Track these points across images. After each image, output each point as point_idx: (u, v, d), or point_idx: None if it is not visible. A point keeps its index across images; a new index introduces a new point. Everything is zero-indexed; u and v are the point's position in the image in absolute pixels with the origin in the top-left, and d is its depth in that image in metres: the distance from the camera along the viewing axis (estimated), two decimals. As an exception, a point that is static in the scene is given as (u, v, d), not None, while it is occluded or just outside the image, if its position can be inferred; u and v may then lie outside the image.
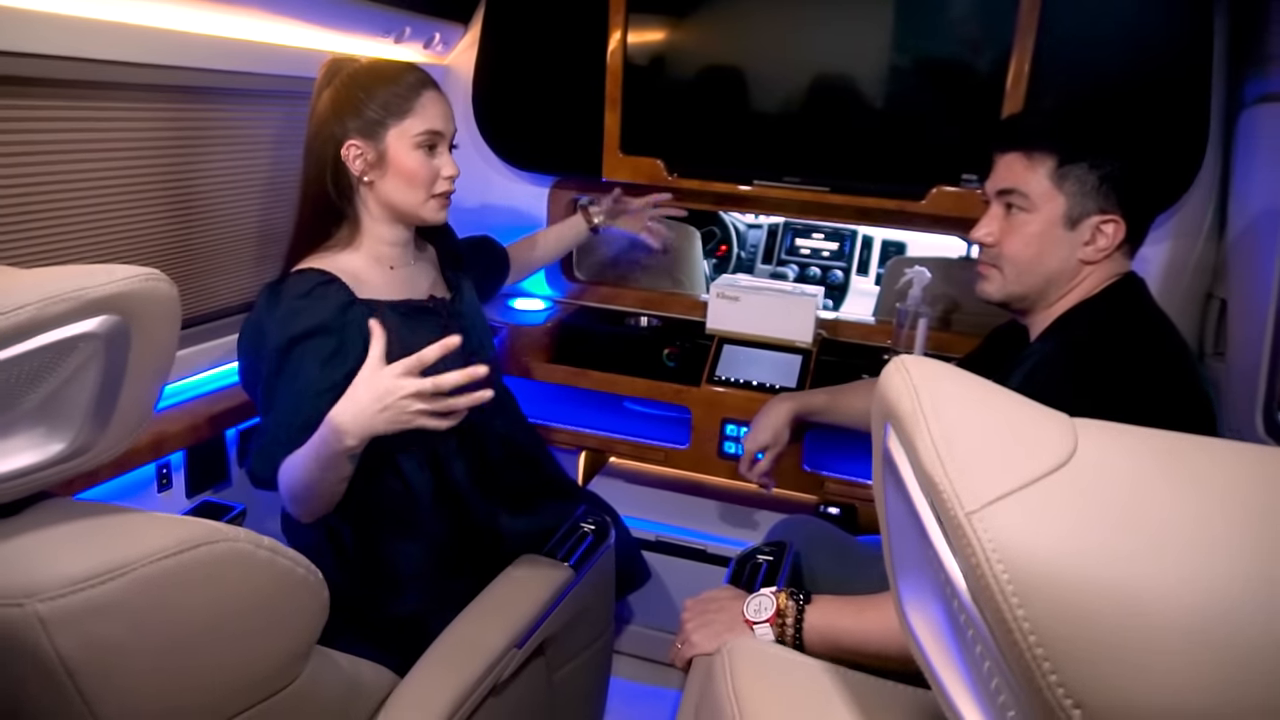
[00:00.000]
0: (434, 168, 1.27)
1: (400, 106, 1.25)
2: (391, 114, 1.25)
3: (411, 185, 1.26)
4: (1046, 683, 0.37)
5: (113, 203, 1.27)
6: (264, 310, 1.21)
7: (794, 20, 1.70)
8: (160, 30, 1.23)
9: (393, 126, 1.25)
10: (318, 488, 1.11)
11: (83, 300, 0.62)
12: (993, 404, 0.48)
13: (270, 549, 0.73)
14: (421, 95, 1.26)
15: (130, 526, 0.66)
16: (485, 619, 1.12)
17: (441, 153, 1.29)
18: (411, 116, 1.25)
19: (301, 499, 1.13)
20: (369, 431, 1.04)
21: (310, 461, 1.09)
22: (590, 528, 1.38)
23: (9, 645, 0.59)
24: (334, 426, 1.04)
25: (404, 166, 1.25)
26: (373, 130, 1.25)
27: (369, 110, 1.25)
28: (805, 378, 1.79)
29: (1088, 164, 1.09)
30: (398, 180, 1.26)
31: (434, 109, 1.26)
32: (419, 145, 1.25)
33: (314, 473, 1.09)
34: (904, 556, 0.52)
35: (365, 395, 1.04)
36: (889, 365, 0.53)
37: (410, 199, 1.27)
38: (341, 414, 1.04)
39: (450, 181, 1.29)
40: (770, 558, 1.33)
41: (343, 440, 1.04)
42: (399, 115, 1.24)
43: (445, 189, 1.29)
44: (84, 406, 0.66)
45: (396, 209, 1.28)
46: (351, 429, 1.03)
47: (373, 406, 1.03)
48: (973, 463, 0.43)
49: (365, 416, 1.03)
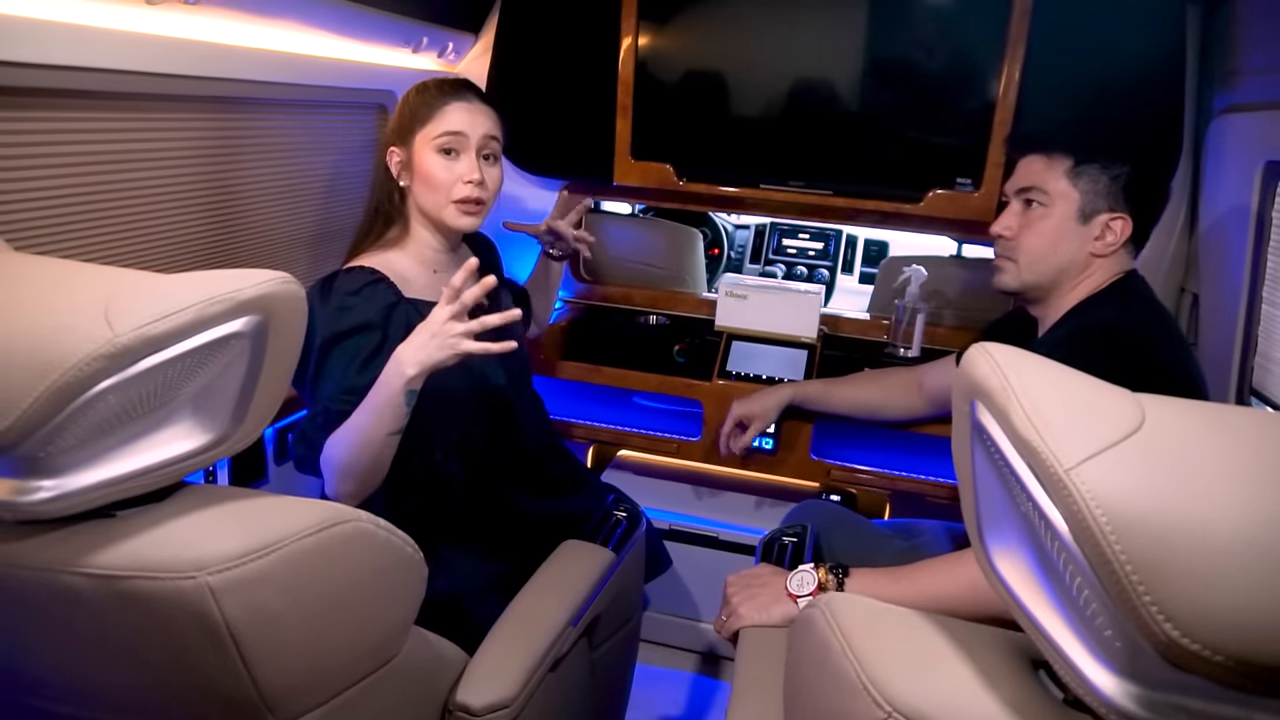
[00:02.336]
0: (453, 171, 1.31)
1: (426, 113, 1.32)
2: (419, 120, 1.32)
3: (430, 188, 1.32)
4: (1142, 603, 0.46)
5: (159, 208, 1.31)
6: (315, 304, 1.26)
7: (797, 32, 1.79)
8: (197, 43, 1.28)
9: (418, 131, 1.32)
10: (368, 448, 1.15)
11: (236, 301, 0.68)
12: (1067, 380, 0.57)
13: (387, 529, 0.79)
14: (448, 102, 1.32)
15: (273, 508, 0.72)
16: (542, 599, 1.19)
17: (464, 157, 1.31)
18: (433, 121, 1.31)
19: (348, 469, 1.17)
20: (424, 361, 1.11)
21: (363, 416, 1.15)
22: (623, 514, 1.46)
23: (182, 613, 0.65)
24: (394, 361, 1.12)
25: (423, 169, 1.32)
26: (405, 135, 1.33)
27: (405, 118, 1.34)
28: (811, 371, 1.89)
29: (1099, 166, 1.21)
30: (421, 184, 1.33)
31: (456, 114, 1.31)
32: (438, 149, 1.31)
33: (366, 427, 1.14)
34: (991, 515, 0.61)
35: (418, 332, 1.13)
36: (972, 350, 0.62)
37: (431, 202, 1.33)
38: (401, 350, 1.13)
39: (472, 187, 1.30)
40: (794, 539, 1.42)
41: (402, 371, 1.11)
42: (424, 121, 1.32)
43: (465, 194, 1.30)
44: (230, 399, 0.72)
45: (425, 212, 1.35)
46: (407, 358, 1.11)
47: (423, 336, 1.12)
48: (1063, 429, 0.53)
49: (417, 345, 1.12)
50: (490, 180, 1.35)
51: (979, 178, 1.75)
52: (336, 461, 1.18)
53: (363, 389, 1.19)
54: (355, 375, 1.21)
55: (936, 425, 1.75)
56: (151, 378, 0.66)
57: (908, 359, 1.90)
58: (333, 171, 1.70)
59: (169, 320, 0.65)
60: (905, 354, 1.91)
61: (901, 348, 1.92)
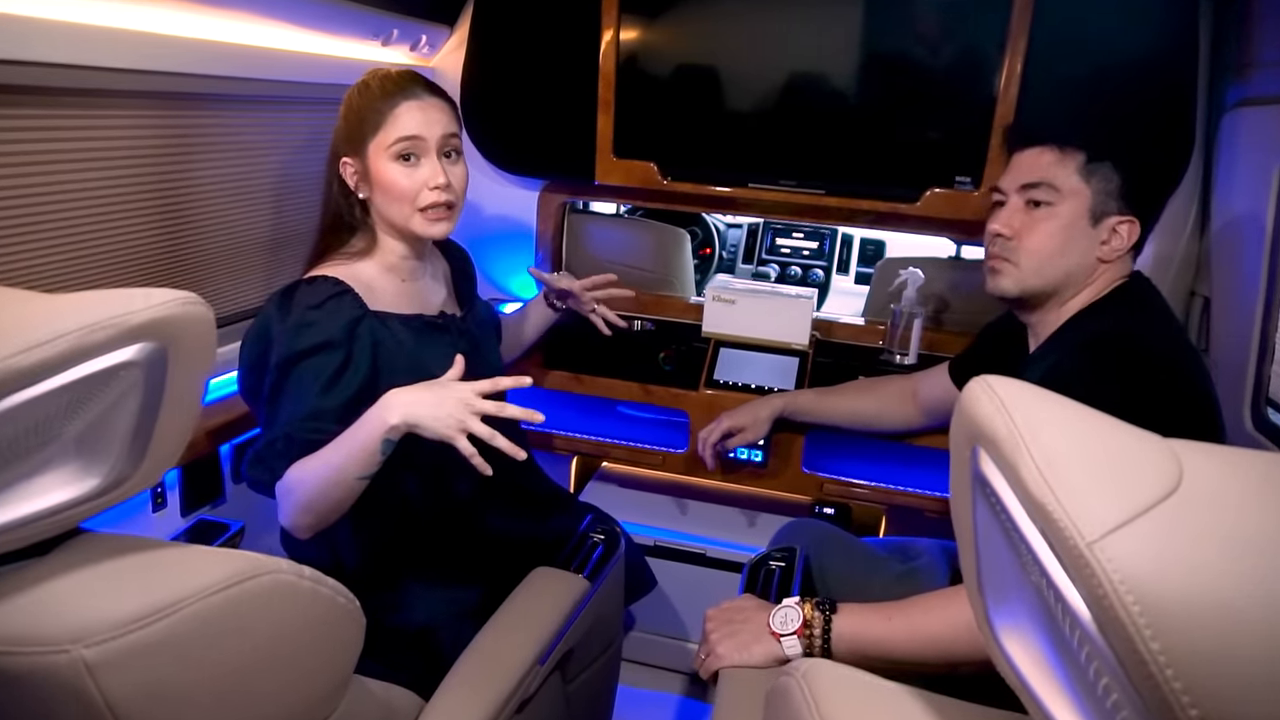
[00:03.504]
0: (417, 179, 1.21)
1: (375, 119, 1.21)
2: (369, 127, 1.21)
3: (393, 199, 1.22)
4: (1180, 705, 0.37)
5: (103, 214, 1.22)
6: (274, 317, 1.17)
7: (788, 23, 1.70)
8: (146, 34, 1.18)
9: (370, 140, 1.21)
10: (335, 489, 1.07)
11: (125, 327, 0.59)
12: (1088, 424, 0.48)
13: (313, 579, 0.70)
14: (397, 104, 1.20)
15: (173, 562, 0.63)
16: (506, 635, 1.10)
17: (424, 161, 1.21)
18: (385, 128, 1.20)
19: (309, 504, 1.09)
20: (414, 421, 1.03)
21: (335, 454, 1.07)
22: (600, 537, 1.37)
23: (53, 693, 0.56)
24: (382, 406, 1.04)
25: (382, 180, 1.22)
26: (357, 144, 1.23)
27: (354, 125, 1.23)
28: (803, 380, 1.80)
29: (1112, 164, 1.11)
30: (382, 195, 1.23)
31: (410, 116, 1.20)
32: (395, 156, 1.20)
33: (336, 467, 1.06)
34: (996, 579, 0.52)
35: (427, 389, 1.05)
36: (972, 385, 0.53)
37: (396, 213, 1.23)
38: (394, 395, 1.05)
39: (439, 192, 1.21)
40: (782, 563, 1.33)
41: (385, 419, 1.03)
42: (375, 127, 1.21)
43: (432, 199, 1.21)
44: (122, 438, 0.63)
45: (389, 223, 1.26)
46: (396, 407, 1.03)
47: (428, 398, 1.04)
48: (1084, 489, 0.43)
49: (415, 402, 1.03)
50: (456, 180, 1.25)
51: (979, 176, 1.66)
52: (299, 495, 1.10)
53: (328, 413, 1.11)
54: (319, 398, 1.12)
55: (933, 437, 1.66)
56: (22, 416, 0.57)
57: (904, 365, 1.81)
58: (295, 172, 1.61)
59: (42, 350, 0.56)
60: (901, 360, 1.82)
61: (898, 354, 1.83)
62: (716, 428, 1.63)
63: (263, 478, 1.12)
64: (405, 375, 1.14)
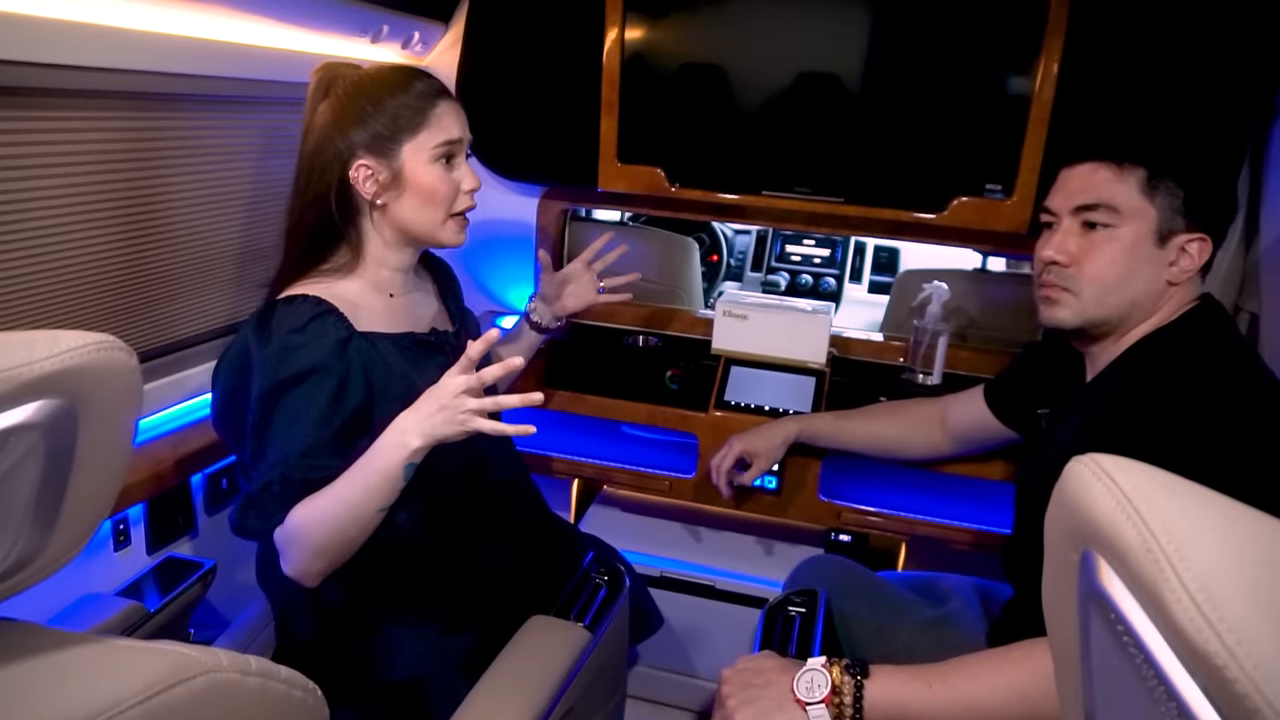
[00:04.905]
0: (454, 181, 1.15)
1: (414, 119, 1.11)
2: (404, 128, 1.11)
3: (430, 204, 1.13)
4: None
5: (61, 225, 1.11)
6: (252, 342, 1.06)
7: (805, 19, 1.58)
8: (109, 29, 1.07)
9: (407, 141, 1.11)
10: (353, 526, 1.00)
11: (16, 383, 0.48)
12: (1248, 529, 0.36)
13: (261, 674, 0.59)
14: (438, 103, 1.13)
15: (80, 668, 0.52)
16: (500, 696, 0.99)
17: (459, 164, 1.17)
18: (429, 128, 1.11)
19: (322, 548, 1.01)
20: (430, 434, 0.98)
21: (349, 490, 1.00)
22: (603, 578, 1.26)
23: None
24: (395, 431, 1.00)
25: (423, 184, 1.12)
26: (385, 147, 1.11)
27: (378, 124, 1.11)
28: (820, 400, 1.68)
29: (1176, 179, 1.00)
30: (415, 200, 1.13)
31: (450, 116, 1.14)
32: (437, 158, 1.13)
33: (354, 504, 0.99)
34: (1114, 714, 0.41)
35: (425, 400, 1.00)
36: (1079, 470, 0.41)
37: (428, 219, 1.14)
38: (403, 419, 1.00)
39: (471, 196, 1.17)
40: (802, 609, 1.22)
41: (406, 443, 0.98)
42: (414, 127, 1.11)
43: (466, 205, 1.17)
44: (20, 513, 0.52)
45: (411, 232, 1.16)
46: (411, 428, 0.99)
47: (431, 407, 0.99)
48: (1256, 626, 0.32)
49: (423, 416, 0.99)
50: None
51: (1011, 183, 1.54)
52: (309, 540, 1.00)
53: (325, 447, 1.01)
54: (313, 431, 1.01)
55: (960, 465, 1.55)
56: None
57: (928, 386, 1.70)
58: (275, 178, 1.50)
59: (-94, 415, 0.45)
60: (925, 381, 1.71)
61: (921, 373, 1.71)
62: (729, 453, 1.52)
63: (259, 526, 1.02)
64: (399, 399, 1.04)
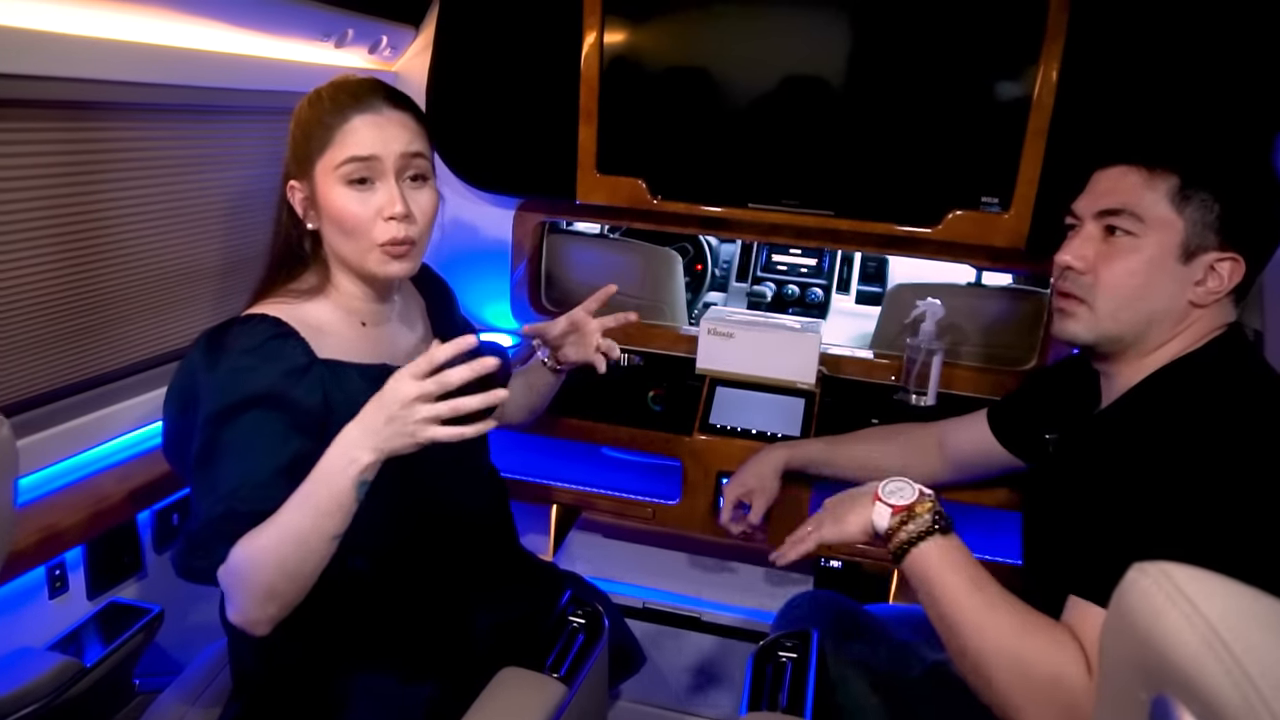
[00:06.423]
0: (369, 205, 1.00)
1: (323, 135, 1.00)
2: (316, 144, 1.01)
3: (344, 233, 1.02)
4: None
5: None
6: (200, 364, 0.97)
7: (792, 22, 1.51)
8: (49, 35, 0.99)
9: (318, 159, 1.01)
10: (306, 559, 0.88)
11: None
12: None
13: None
14: (349, 117, 1.00)
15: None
16: (465, 765, 0.90)
17: (380, 186, 1.01)
18: (333, 146, 1.00)
19: (272, 588, 0.89)
20: (379, 447, 0.87)
21: (298, 517, 0.88)
22: (579, 621, 1.18)
23: None
24: (341, 445, 0.88)
25: (330, 208, 1.01)
26: (304, 165, 1.03)
27: (300, 142, 1.03)
28: (809, 423, 1.61)
29: (1211, 192, 0.93)
30: (332, 227, 1.03)
31: (362, 132, 0.99)
32: (345, 179, 1.00)
33: (304, 533, 0.87)
34: None
35: (372, 408, 0.88)
36: (1145, 584, 0.34)
37: (351, 249, 1.03)
38: (349, 431, 0.89)
39: (395, 224, 1.00)
40: (794, 654, 1.15)
41: (354, 458, 0.87)
42: (322, 145, 1.01)
43: (390, 235, 1.00)
44: None
45: (344, 261, 1.06)
46: (357, 442, 0.87)
47: (377, 416, 0.87)
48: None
49: (369, 429, 0.87)
50: (420, 209, 1.03)
51: (1008, 196, 1.48)
52: (257, 580, 0.89)
53: (276, 478, 0.91)
54: (262, 461, 0.92)
55: (957, 491, 1.48)
56: None
57: (921, 408, 1.63)
58: (233, 192, 1.41)
59: None
60: (919, 401, 1.64)
61: (914, 394, 1.64)
62: (726, 506, 1.43)
63: (203, 565, 0.91)
64: None
